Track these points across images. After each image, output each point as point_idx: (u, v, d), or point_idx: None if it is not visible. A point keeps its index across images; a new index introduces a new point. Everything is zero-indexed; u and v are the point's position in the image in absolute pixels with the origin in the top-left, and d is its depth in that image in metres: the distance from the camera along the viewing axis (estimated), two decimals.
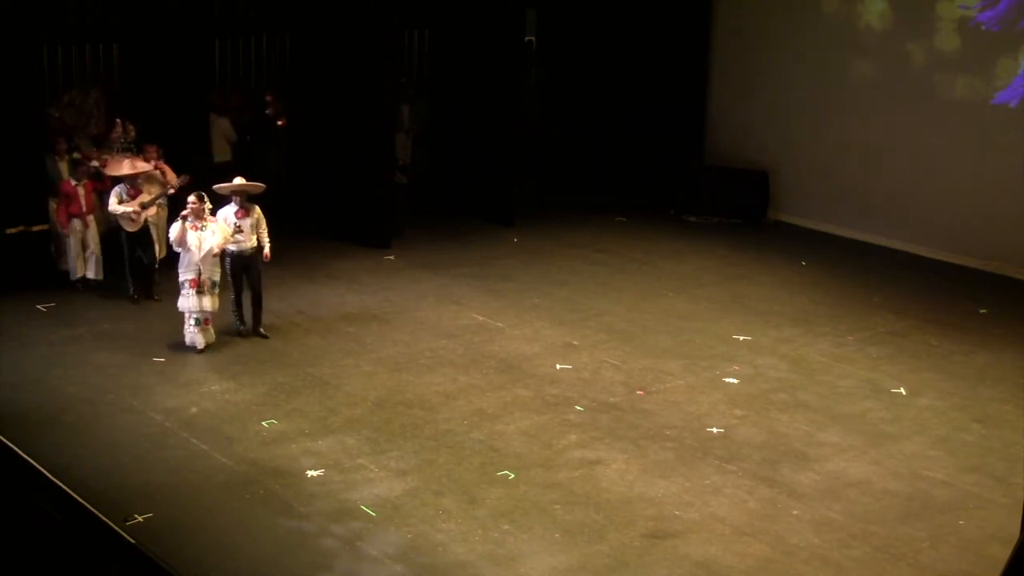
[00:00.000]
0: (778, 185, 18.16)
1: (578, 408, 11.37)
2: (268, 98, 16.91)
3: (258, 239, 12.71)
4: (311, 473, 9.97)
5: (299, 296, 13.99)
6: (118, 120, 14.28)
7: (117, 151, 14.20)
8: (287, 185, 16.49)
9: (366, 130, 15.96)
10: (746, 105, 18.38)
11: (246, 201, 12.65)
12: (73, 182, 13.86)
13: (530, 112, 19.00)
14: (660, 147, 18.81)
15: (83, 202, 13.85)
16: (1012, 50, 15.18)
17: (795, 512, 9.61)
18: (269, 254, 12.77)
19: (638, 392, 11.79)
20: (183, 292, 12.32)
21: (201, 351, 12.29)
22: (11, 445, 7.97)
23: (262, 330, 12.82)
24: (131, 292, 13.74)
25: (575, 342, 13.00)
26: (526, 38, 18.67)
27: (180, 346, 12.47)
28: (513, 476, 10.02)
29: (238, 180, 12.72)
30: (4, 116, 13.86)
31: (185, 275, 12.27)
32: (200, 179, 13.58)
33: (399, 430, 10.82)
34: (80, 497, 7.42)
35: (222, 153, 16.53)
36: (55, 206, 14.08)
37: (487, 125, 17.39)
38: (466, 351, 12.65)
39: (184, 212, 12.26)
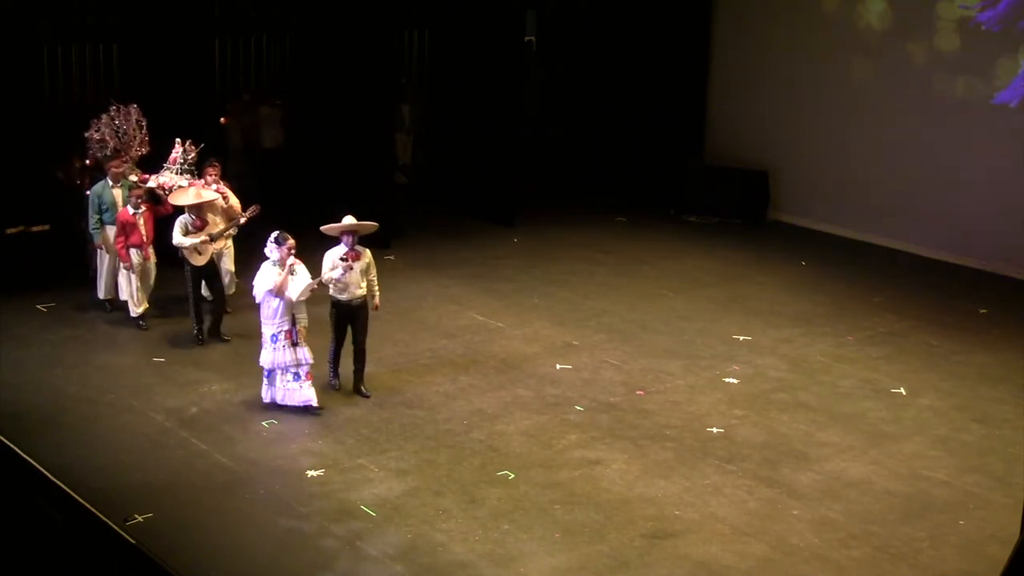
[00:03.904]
0: (778, 185, 18.15)
1: (578, 408, 11.37)
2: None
3: (368, 286, 11.41)
4: (311, 473, 9.97)
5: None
6: (177, 140, 13.02)
7: (176, 174, 12.90)
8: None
9: (366, 130, 15.96)
10: (746, 105, 18.37)
11: (356, 243, 11.22)
12: (131, 210, 12.64)
13: (530, 112, 19.01)
14: (660, 147, 18.80)
15: (143, 231, 12.70)
16: (1012, 50, 15.17)
17: (795, 512, 9.61)
18: (378, 303, 11.55)
19: (638, 392, 11.78)
20: (274, 346, 10.87)
21: (318, 410, 10.96)
22: (11, 445, 7.95)
23: (363, 388, 11.43)
24: (196, 333, 12.48)
25: (575, 342, 13.00)
26: (526, 38, 18.67)
27: (180, 347, 12.47)
28: (513, 476, 10.02)
29: (348, 219, 11.17)
30: (4, 116, 13.85)
31: (281, 326, 10.86)
32: (252, 165, 13.31)
33: (399, 430, 10.82)
34: (80, 497, 7.39)
35: (271, 141, 17.29)
36: (112, 236, 12.85)
37: (487, 125, 17.38)
38: (466, 351, 12.65)
39: (291, 260, 10.87)
